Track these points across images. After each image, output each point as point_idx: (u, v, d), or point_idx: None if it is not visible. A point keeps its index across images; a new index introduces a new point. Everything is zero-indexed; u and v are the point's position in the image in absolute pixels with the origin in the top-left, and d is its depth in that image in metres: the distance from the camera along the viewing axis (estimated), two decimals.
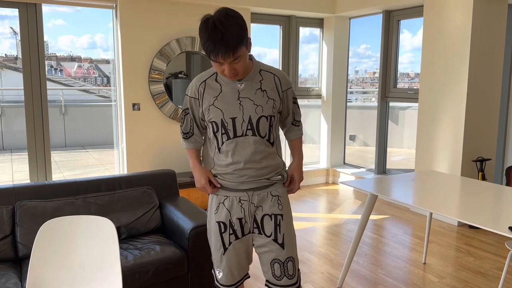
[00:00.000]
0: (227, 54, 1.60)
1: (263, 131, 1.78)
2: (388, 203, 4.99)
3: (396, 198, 2.56)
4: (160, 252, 2.51)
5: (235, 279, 1.89)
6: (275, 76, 1.83)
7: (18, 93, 7.72)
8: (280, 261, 1.84)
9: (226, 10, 1.64)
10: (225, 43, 1.58)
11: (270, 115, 1.79)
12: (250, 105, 1.76)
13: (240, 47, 1.62)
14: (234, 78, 1.73)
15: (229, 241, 1.84)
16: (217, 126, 1.77)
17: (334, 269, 3.26)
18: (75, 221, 2.04)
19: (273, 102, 1.79)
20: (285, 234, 1.85)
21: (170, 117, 4.72)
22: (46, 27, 4.78)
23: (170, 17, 4.62)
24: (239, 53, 1.63)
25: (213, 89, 1.78)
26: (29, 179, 4.32)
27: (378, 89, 5.46)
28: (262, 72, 1.81)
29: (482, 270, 3.24)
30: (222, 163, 1.81)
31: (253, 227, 1.84)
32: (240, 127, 1.76)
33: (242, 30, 1.62)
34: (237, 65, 1.67)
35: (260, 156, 1.79)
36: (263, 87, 1.78)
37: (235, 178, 1.79)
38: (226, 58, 1.62)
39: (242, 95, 1.76)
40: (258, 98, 1.77)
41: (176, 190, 3.16)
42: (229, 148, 1.78)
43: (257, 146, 1.78)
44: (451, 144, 4.28)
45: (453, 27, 4.19)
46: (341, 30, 5.79)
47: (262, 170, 1.80)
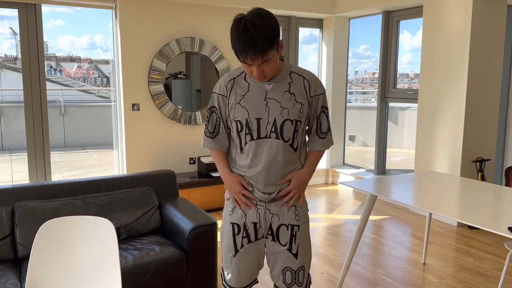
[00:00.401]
0: (256, 56, 1.57)
1: (286, 135, 1.73)
2: (387, 204, 4.99)
3: (396, 199, 2.56)
4: (159, 252, 2.51)
5: (243, 282, 1.87)
6: (305, 79, 1.76)
7: (18, 94, 7.72)
8: (292, 270, 1.83)
9: (259, 11, 1.59)
10: (255, 45, 1.55)
11: (296, 120, 1.73)
12: (276, 107, 1.71)
13: (270, 50, 1.58)
14: (263, 80, 1.69)
15: (241, 244, 1.82)
16: (242, 126, 1.74)
17: (333, 269, 3.26)
18: (74, 222, 2.04)
19: (301, 106, 1.73)
20: (300, 244, 1.82)
21: (169, 118, 4.72)
22: (46, 27, 4.78)
23: (170, 18, 4.62)
24: (268, 56, 1.59)
25: (241, 87, 1.75)
26: (28, 179, 4.32)
27: (377, 89, 5.46)
28: (292, 74, 1.75)
29: (481, 270, 3.24)
30: (243, 164, 1.78)
31: (267, 234, 1.82)
32: (265, 128, 1.72)
33: (273, 33, 1.58)
34: (266, 68, 1.63)
35: (281, 161, 1.74)
36: (291, 90, 1.73)
37: (254, 181, 1.77)
38: (254, 61, 1.59)
39: (269, 96, 1.72)
40: (285, 101, 1.72)
41: (175, 190, 3.15)
42: (250, 149, 1.75)
43: (278, 149, 1.73)
44: (451, 144, 4.28)
45: (453, 28, 4.19)
46: (341, 30, 5.79)
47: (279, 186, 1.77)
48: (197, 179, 4.57)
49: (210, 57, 4.85)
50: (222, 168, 1.85)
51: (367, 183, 2.96)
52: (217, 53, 4.87)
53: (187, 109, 4.85)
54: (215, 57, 4.88)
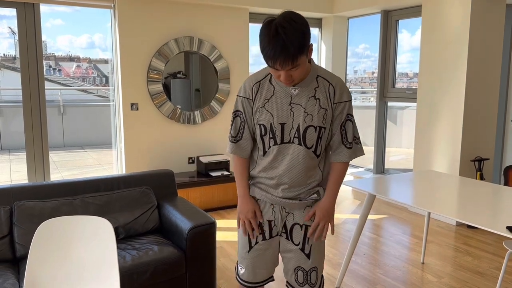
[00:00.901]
0: (286, 63, 1.53)
1: (309, 141, 1.70)
2: (386, 203, 4.99)
3: (395, 198, 2.56)
4: (158, 252, 2.51)
5: (256, 278, 1.88)
6: (331, 85, 1.70)
7: (16, 93, 7.71)
8: (304, 270, 1.82)
9: (291, 14, 1.55)
10: (285, 51, 1.50)
11: (320, 126, 1.69)
12: (300, 113, 1.68)
13: (300, 56, 1.53)
14: (290, 84, 1.65)
15: (255, 241, 1.83)
16: (266, 130, 1.72)
17: (332, 269, 3.26)
18: (73, 221, 2.04)
19: (325, 112, 1.69)
20: (313, 245, 1.82)
21: (168, 117, 4.71)
22: (45, 27, 4.78)
23: (169, 17, 4.62)
24: (298, 62, 1.55)
25: (267, 90, 1.71)
26: (27, 179, 4.31)
27: (376, 89, 5.46)
28: (318, 79, 1.70)
29: (480, 269, 3.24)
30: (264, 166, 1.77)
31: (282, 231, 1.82)
32: (289, 133, 1.70)
33: (304, 38, 1.53)
34: (294, 73, 1.59)
35: (302, 167, 1.72)
36: (317, 95, 1.69)
37: (273, 185, 1.77)
38: (284, 67, 1.55)
39: (295, 101, 1.68)
40: (310, 106, 1.68)
41: (174, 190, 3.15)
42: (273, 153, 1.73)
43: (300, 155, 1.71)
44: (450, 143, 4.28)
45: (451, 27, 4.19)
46: (340, 30, 5.79)
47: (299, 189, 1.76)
48: (196, 179, 4.57)
49: (209, 57, 4.85)
50: (240, 187, 1.84)
51: (366, 182, 2.96)
52: (216, 53, 4.87)
53: (186, 108, 4.85)
54: (214, 56, 4.87)
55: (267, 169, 1.77)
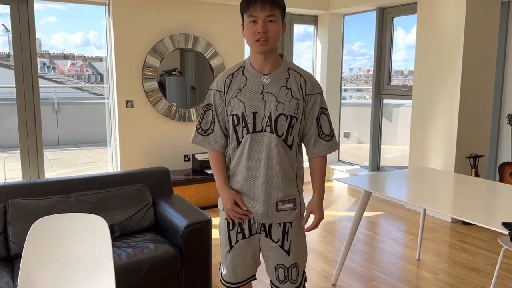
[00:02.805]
0: (265, 3, 1.62)
1: (280, 129, 1.72)
2: (382, 200, 5.01)
3: (390, 195, 2.56)
4: (153, 250, 2.50)
5: (238, 278, 1.87)
6: (302, 77, 1.76)
7: (10, 91, 7.66)
8: (285, 267, 1.82)
9: None
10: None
11: (291, 115, 1.72)
12: (272, 101, 1.71)
13: (278, 7, 1.66)
14: (264, 45, 1.67)
15: (235, 239, 1.83)
16: (238, 120, 1.73)
17: (328, 266, 3.26)
18: (67, 219, 2.02)
19: (297, 102, 1.73)
20: (292, 241, 1.81)
21: (163, 115, 4.69)
22: (39, 24, 4.74)
23: (163, 14, 4.59)
24: (276, 11, 1.65)
25: (239, 81, 1.76)
26: (21, 177, 4.29)
27: (372, 86, 5.47)
28: (290, 71, 1.76)
29: (475, 266, 3.25)
30: (237, 160, 1.78)
31: (261, 229, 1.82)
32: (260, 122, 1.72)
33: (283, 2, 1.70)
34: (270, 27, 1.65)
35: (276, 157, 1.73)
36: (288, 85, 1.74)
37: (249, 180, 1.76)
38: (263, 8, 1.62)
39: (266, 90, 1.72)
40: (282, 95, 1.72)
41: (170, 187, 3.14)
42: (247, 143, 1.74)
43: (272, 144, 1.72)
44: (445, 141, 4.30)
45: (447, 24, 4.20)
46: (335, 27, 5.78)
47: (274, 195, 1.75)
48: (192, 176, 4.56)
49: (204, 54, 4.83)
50: (217, 180, 1.83)
51: (362, 179, 2.96)
52: (211, 50, 4.85)
53: (181, 106, 4.83)
54: (210, 53, 4.86)
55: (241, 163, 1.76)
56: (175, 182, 4.36)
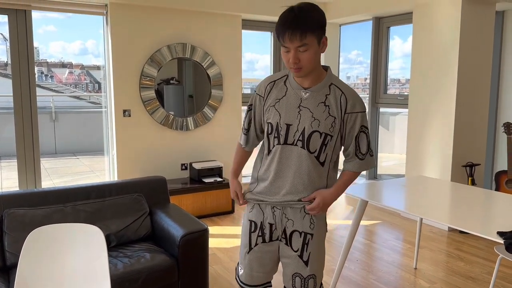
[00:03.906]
0: (294, 35, 1.57)
1: (313, 146, 1.70)
2: (379, 209, 5.01)
3: (387, 204, 2.57)
4: (150, 259, 2.49)
5: (253, 281, 1.89)
6: (343, 94, 1.71)
7: (8, 100, 7.66)
8: (302, 277, 1.82)
9: (308, 2, 1.64)
10: (295, 23, 1.57)
11: (326, 133, 1.69)
12: (308, 117, 1.69)
13: (309, 32, 1.58)
14: (298, 73, 1.66)
15: (255, 242, 1.84)
16: (272, 129, 1.75)
17: (325, 275, 3.25)
18: (63, 229, 2.02)
19: (333, 120, 1.69)
20: (312, 252, 1.81)
21: (161, 124, 4.70)
22: (37, 33, 4.76)
23: (161, 24, 4.62)
24: (307, 40, 1.59)
25: (279, 90, 1.75)
26: (18, 186, 4.27)
27: (368, 95, 5.49)
28: (331, 86, 1.72)
29: (472, 275, 3.25)
30: (267, 167, 1.80)
31: (282, 237, 1.83)
32: (293, 135, 1.71)
33: (316, 18, 1.60)
34: (302, 55, 1.61)
35: (306, 173, 1.73)
36: (327, 102, 1.70)
37: (273, 189, 1.78)
38: (292, 40, 1.58)
39: (304, 104, 1.70)
40: (318, 112, 1.69)
41: (166, 197, 3.14)
42: (277, 154, 1.75)
43: (302, 159, 1.72)
44: (441, 149, 4.31)
45: (442, 34, 4.24)
46: (332, 37, 5.82)
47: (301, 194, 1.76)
48: (189, 185, 4.55)
49: (201, 63, 4.85)
50: (232, 166, 1.98)
51: (359, 188, 2.97)
52: (208, 59, 4.88)
53: (179, 115, 4.84)
54: (207, 63, 4.88)
55: (269, 171, 1.78)
56: (172, 191, 4.36)
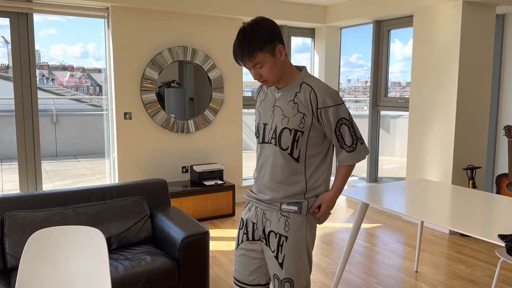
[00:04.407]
0: (243, 59, 1.69)
1: (284, 143, 1.76)
2: (380, 212, 5.00)
3: (388, 207, 2.57)
4: (150, 262, 2.49)
5: (244, 279, 1.92)
6: (313, 90, 1.74)
7: (9, 103, 7.67)
8: (279, 279, 1.84)
9: (256, 18, 1.71)
10: (242, 48, 1.67)
11: (296, 129, 1.74)
12: (279, 115, 1.78)
13: (256, 52, 1.66)
14: (266, 84, 1.78)
15: (241, 239, 1.91)
16: (256, 129, 1.89)
17: (326, 278, 3.25)
18: (64, 232, 2.02)
19: (302, 116, 1.73)
20: (286, 256, 1.80)
21: (162, 126, 4.71)
22: (38, 36, 4.77)
23: (162, 27, 4.63)
24: (258, 59, 1.68)
25: (263, 93, 1.90)
26: (19, 189, 4.28)
27: (369, 98, 5.49)
28: (302, 85, 1.77)
29: (473, 278, 3.25)
30: (256, 166, 1.92)
31: (262, 237, 1.86)
32: (268, 133, 1.81)
33: (261, 37, 1.66)
34: (261, 71, 1.72)
35: (281, 168, 1.78)
36: (295, 100, 1.75)
37: (258, 185, 1.87)
38: (245, 63, 1.71)
39: (277, 103, 1.80)
40: (288, 110, 1.75)
41: (167, 199, 3.14)
42: (258, 152, 1.87)
43: (277, 156, 1.78)
44: (442, 152, 4.31)
45: (443, 37, 4.24)
46: (332, 39, 5.83)
47: (278, 192, 1.79)
48: (190, 188, 4.55)
49: (202, 66, 4.86)
50: None
51: (360, 191, 2.97)
52: (209, 62, 4.89)
53: (180, 117, 4.85)
54: (208, 65, 4.89)
55: (257, 168, 1.90)
56: (173, 194, 4.36)
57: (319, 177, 1.83)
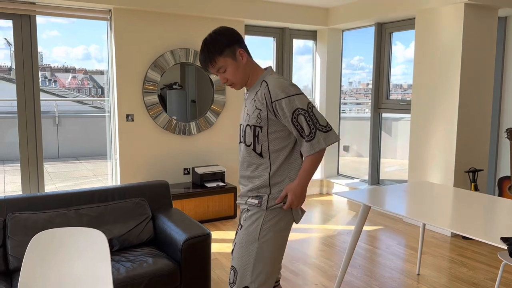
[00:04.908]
0: (206, 66, 1.85)
1: (248, 140, 1.87)
2: (381, 214, 5.00)
3: (390, 209, 2.57)
4: (152, 264, 2.49)
5: None
6: (267, 86, 1.82)
7: (12, 104, 7.69)
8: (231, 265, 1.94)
9: (216, 28, 1.85)
10: (203, 57, 1.84)
11: (255, 125, 1.84)
12: (245, 114, 1.91)
13: (216, 58, 1.81)
14: (235, 88, 1.91)
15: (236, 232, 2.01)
16: None
17: (328, 280, 3.24)
18: (66, 233, 2.03)
19: (259, 112, 1.83)
20: (236, 244, 1.90)
21: (164, 128, 4.71)
22: (41, 38, 4.78)
23: (164, 29, 4.65)
24: (218, 64, 1.83)
25: (245, 96, 2.00)
26: (21, 190, 4.28)
27: (371, 100, 5.50)
28: (262, 83, 1.87)
29: (475, 281, 3.24)
30: None
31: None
32: (240, 133, 1.94)
33: (219, 44, 1.80)
34: (226, 75, 1.86)
35: (247, 164, 1.89)
36: (255, 97, 1.86)
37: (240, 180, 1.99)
38: (208, 69, 1.86)
39: (245, 104, 1.94)
40: (250, 107, 1.87)
41: (169, 201, 3.14)
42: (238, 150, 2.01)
43: (245, 153, 1.89)
44: (444, 155, 4.31)
45: (445, 40, 4.24)
46: (334, 42, 5.84)
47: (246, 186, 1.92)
48: (191, 190, 4.56)
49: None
50: None
51: (361, 193, 2.97)
52: None
53: (181, 119, 4.86)
54: None
55: None
56: (175, 196, 4.36)
57: (285, 171, 1.86)
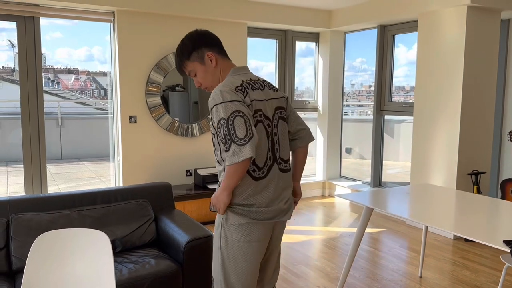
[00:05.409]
0: (179, 70, 1.92)
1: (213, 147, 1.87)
2: (384, 216, 4.99)
3: (392, 212, 2.56)
4: (155, 265, 2.50)
5: None
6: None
7: (15, 105, 7.73)
8: None
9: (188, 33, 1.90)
10: (175, 62, 1.92)
11: (212, 133, 1.84)
12: None
13: (184, 62, 1.86)
14: (208, 90, 1.93)
15: None
16: None
17: (330, 282, 3.24)
18: (69, 234, 2.03)
19: (211, 119, 1.81)
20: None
21: (166, 130, 4.72)
22: (44, 39, 4.80)
23: (168, 31, 4.66)
24: (187, 69, 1.88)
25: None
26: (24, 191, 4.30)
27: (373, 102, 5.49)
28: None
29: (478, 284, 3.23)
30: None
31: None
32: None
33: (186, 49, 1.84)
34: (197, 79, 1.90)
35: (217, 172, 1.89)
36: None
37: None
38: (182, 73, 1.92)
39: None
40: None
41: (172, 203, 3.15)
42: None
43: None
44: (446, 157, 4.30)
45: (447, 42, 4.24)
46: (337, 44, 5.84)
47: None
48: (194, 191, 4.56)
49: None
50: None
51: (364, 195, 2.97)
52: None
53: (184, 121, 4.87)
54: None
55: None
56: (177, 197, 4.37)
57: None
